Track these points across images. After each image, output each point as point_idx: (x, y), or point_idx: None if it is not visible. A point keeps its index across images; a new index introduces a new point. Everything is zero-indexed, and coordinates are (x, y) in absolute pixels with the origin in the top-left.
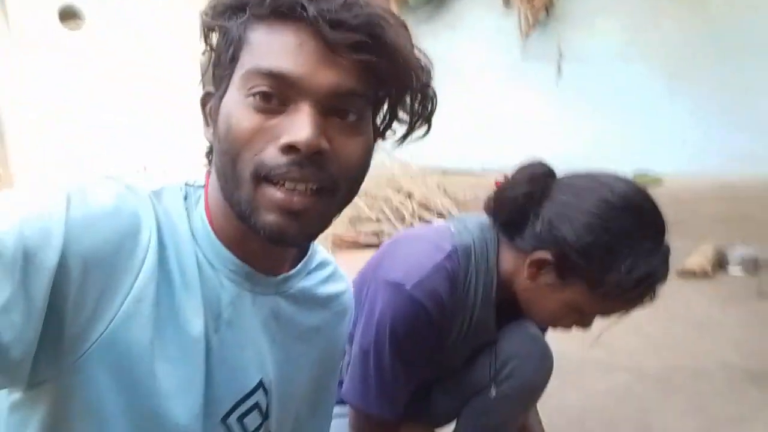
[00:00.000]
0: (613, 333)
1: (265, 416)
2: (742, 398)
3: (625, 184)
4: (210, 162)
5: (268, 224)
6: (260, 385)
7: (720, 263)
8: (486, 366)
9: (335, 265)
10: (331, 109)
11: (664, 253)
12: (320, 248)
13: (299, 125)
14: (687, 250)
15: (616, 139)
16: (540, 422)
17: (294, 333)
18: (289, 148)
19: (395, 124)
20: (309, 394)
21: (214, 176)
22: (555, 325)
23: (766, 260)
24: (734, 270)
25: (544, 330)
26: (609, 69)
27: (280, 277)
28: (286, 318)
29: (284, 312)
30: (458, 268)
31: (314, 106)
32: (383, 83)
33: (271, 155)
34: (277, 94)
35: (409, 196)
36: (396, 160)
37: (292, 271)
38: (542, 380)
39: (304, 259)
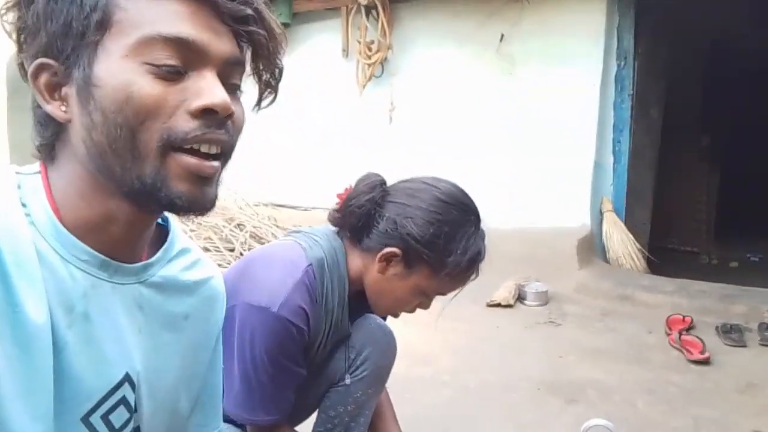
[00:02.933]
0: (436, 354)
1: (133, 411)
2: (543, 406)
3: (446, 183)
4: (45, 150)
5: (183, 193)
6: (126, 378)
7: (520, 296)
8: (341, 359)
9: (199, 251)
10: (225, 77)
11: (482, 237)
12: (181, 235)
13: (211, 89)
14: (494, 285)
15: None
16: (393, 409)
17: (161, 321)
18: (204, 112)
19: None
20: (184, 385)
21: (65, 161)
22: (400, 310)
23: (553, 293)
24: (530, 302)
25: (384, 319)
26: (433, 122)
27: (139, 264)
28: (151, 307)
29: (148, 301)
30: (315, 282)
31: (216, 72)
32: (260, 56)
33: (182, 121)
34: (181, 60)
35: (240, 226)
36: (228, 191)
37: (152, 258)
38: (390, 361)
39: (164, 246)
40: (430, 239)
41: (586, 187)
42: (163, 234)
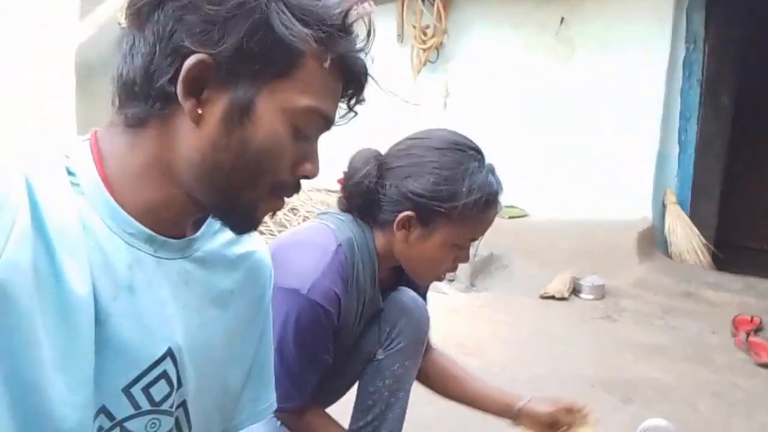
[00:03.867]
0: (486, 345)
1: (176, 385)
2: (598, 403)
3: (440, 130)
4: (136, 121)
5: (257, 221)
6: (168, 353)
7: (575, 289)
8: (375, 334)
9: None
10: None
11: (489, 169)
12: None
13: (316, 160)
14: (548, 277)
15: None
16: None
17: (206, 297)
18: (304, 176)
19: None
20: (233, 361)
21: (148, 142)
22: (440, 271)
23: (610, 288)
24: (586, 295)
25: (422, 295)
26: (488, 108)
27: (184, 240)
28: (196, 282)
29: (193, 276)
30: (346, 263)
31: None
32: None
33: (288, 176)
34: (315, 131)
35: (294, 210)
36: None
37: (196, 234)
38: (424, 331)
39: (207, 221)
40: (433, 189)
41: (648, 178)
42: None
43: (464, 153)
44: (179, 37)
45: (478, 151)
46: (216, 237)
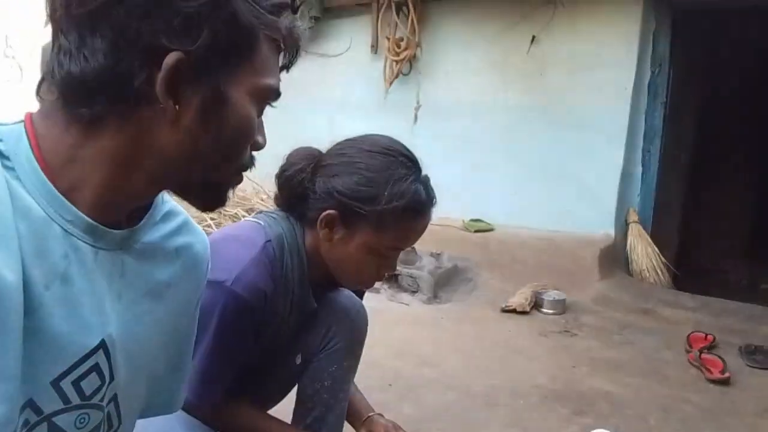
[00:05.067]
0: (444, 356)
1: (108, 379)
2: (549, 415)
3: (378, 136)
4: (95, 115)
5: (224, 200)
6: (101, 345)
7: (537, 304)
8: (310, 335)
9: (185, 216)
10: None
11: (422, 180)
12: (167, 198)
13: (263, 130)
14: (511, 291)
15: (456, 184)
16: (360, 392)
17: (142, 290)
18: (256, 149)
19: None
20: (164, 352)
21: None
22: (364, 277)
23: (571, 303)
24: (547, 310)
25: (359, 295)
26: (458, 122)
27: (125, 231)
28: (133, 274)
29: (130, 268)
30: (274, 258)
31: None
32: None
33: (248, 151)
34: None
35: None
36: (248, 181)
37: (138, 225)
38: (362, 331)
39: (149, 212)
40: (355, 189)
41: (612, 196)
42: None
43: (393, 159)
44: (150, 34)
45: (412, 160)
46: (156, 228)
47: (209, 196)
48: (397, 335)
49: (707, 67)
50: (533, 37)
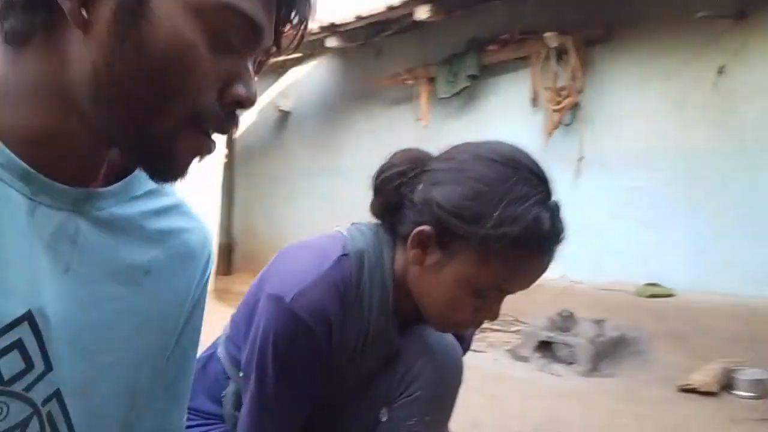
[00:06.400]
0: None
1: (38, 365)
2: None
3: (502, 143)
4: (18, 37)
5: (181, 164)
6: (26, 318)
7: (728, 384)
8: (388, 379)
9: (180, 200)
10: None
11: (548, 206)
12: (169, 189)
13: (248, 82)
14: (693, 367)
15: (627, 243)
16: None
17: (107, 269)
18: (234, 102)
19: None
20: (144, 354)
21: (32, 56)
22: (453, 315)
23: None
24: (742, 392)
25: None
26: (628, 174)
27: (81, 190)
28: (92, 246)
29: (87, 238)
30: (349, 277)
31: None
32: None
33: (210, 101)
34: (239, 40)
35: None
36: None
37: (103, 189)
38: (453, 379)
39: (126, 179)
40: (458, 204)
41: None
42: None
43: (516, 172)
44: None
45: (540, 178)
46: (135, 203)
47: (156, 157)
48: (539, 408)
49: None
50: (721, 68)
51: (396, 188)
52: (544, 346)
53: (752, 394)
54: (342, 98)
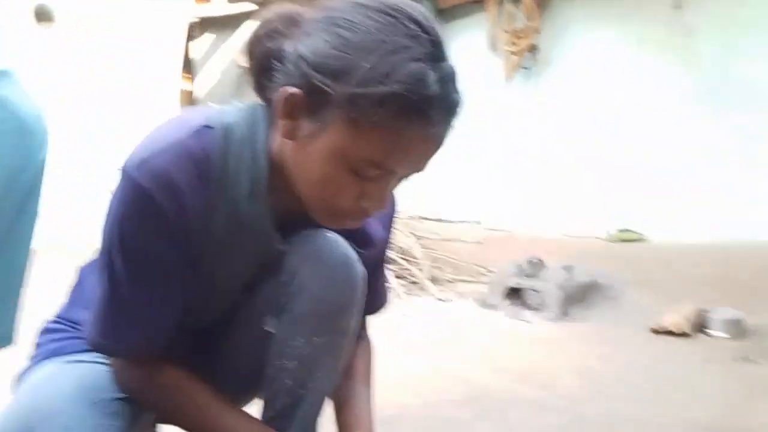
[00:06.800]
0: (554, 376)
1: None
2: None
3: None
4: None
5: None
6: None
7: (701, 325)
8: (268, 287)
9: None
10: None
11: (437, 67)
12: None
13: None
14: (666, 310)
15: (598, 191)
16: (369, 400)
17: None
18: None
19: None
20: None
21: None
22: (332, 197)
23: (753, 325)
24: (716, 332)
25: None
26: (593, 119)
27: None
28: None
29: None
30: (210, 151)
31: None
32: None
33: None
34: None
35: None
36: None
37: None
38: (345, 292)
39: None
40: (324, 54)
41: None
42: None
43: (397, 21)
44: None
45: (427, 32)
46: None
47: None
48: (500, 351)
49: None
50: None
51: (266, 49)
52: (513, 294)
53: (726, 334)
54: None
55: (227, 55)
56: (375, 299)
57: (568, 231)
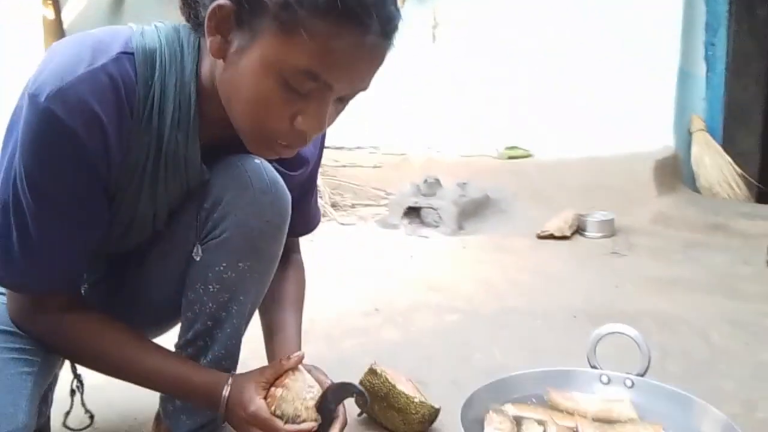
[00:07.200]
0: (454, 282)
1: None
2: (575, 333)
3: None
4: None
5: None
6: None
7: (579, 227)
8: (192, 216)
9: None
10: None
11: None
12: None
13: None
14: (551, 218)
15: (489, 111)
16: (299, 327)
17: None
18: None
19: None
20: None
21: None
22: (264, 112)
23: (623, 224)
24: (592, 233)
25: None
26: (485, 42)
27: None
28: None
29: None
30: (131, 78)
31: None
32: None
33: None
34: None
35: None
36: None
37: None
38: (268, 219)
39: None
40: None
41: (668, 102)
42: None
43: None
44: None
45: None
46: None
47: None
48: (404, 265)
49: None
50: None
51: None
52: (412, 212)
53: (600, 234)
54: None
55: None
56: (307, 220)
57: (462, 151)
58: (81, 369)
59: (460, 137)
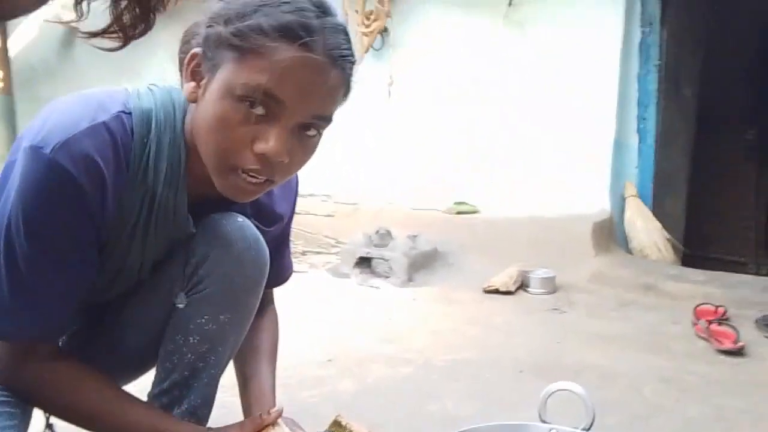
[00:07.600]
0: (405, 333)
1: None
2: (523, 386)
3: None
4: None
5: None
6: None
7: (523, 284)
8: (178, 267)
9: None
10: None
11: (324, 15)
12: None
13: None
14: (497, 272)
15: (438, 168)
16: (273, 378)
17: None
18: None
19: None
20: None
21: None
22: (226, 135)
23: (563, 282)
24: (535, 289)
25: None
26: (436, 100)
27: None
28: None
29: None
30: (127, 136)
31: None
32: None
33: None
34: None
35: None
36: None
37: None
38: (251, 274)
39: None
40: (221, 9)
41: (605, 170)
42: None
43: None
44: None
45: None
46: None
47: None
48: (356, 314)
49: (706, 31)
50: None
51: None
52: (364, 262)
53: (543, 290)
54: None
55: (48, 6)
56: (281, 271)
57: (413, 204)
58: (53, 419)
59: (411, 190)
